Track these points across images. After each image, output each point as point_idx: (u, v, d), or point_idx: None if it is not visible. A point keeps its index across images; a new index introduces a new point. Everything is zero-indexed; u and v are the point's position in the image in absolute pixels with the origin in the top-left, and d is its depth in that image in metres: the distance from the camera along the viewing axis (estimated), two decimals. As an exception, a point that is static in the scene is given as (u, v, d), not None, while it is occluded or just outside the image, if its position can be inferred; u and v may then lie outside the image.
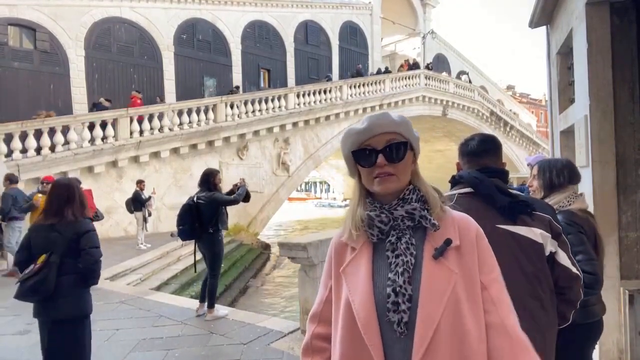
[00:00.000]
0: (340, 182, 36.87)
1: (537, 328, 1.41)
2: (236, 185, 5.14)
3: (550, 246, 1.52)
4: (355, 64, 22.70)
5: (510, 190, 1.57)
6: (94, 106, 13.64)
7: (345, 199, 43.93)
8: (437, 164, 24.27)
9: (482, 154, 1.67)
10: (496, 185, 1.55)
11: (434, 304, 0.93)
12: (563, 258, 1.54)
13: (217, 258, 4.87)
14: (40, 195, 6.63)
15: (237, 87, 18.05)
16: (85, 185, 8.29)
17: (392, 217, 1.03)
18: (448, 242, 0.99)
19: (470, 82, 24.83)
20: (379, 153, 1.02)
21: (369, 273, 1.01)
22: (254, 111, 15.10)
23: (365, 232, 1.05)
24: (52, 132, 10.79)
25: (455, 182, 1.65)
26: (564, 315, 1.59)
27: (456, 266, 0.97)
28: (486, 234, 1.07)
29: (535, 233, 1.49)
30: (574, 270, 1.56)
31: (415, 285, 0.96)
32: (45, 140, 10.57)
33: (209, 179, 4.87)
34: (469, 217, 1.07)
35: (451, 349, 0.92)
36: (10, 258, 7.72)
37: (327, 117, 17.37)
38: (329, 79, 19.66)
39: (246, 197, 5.09)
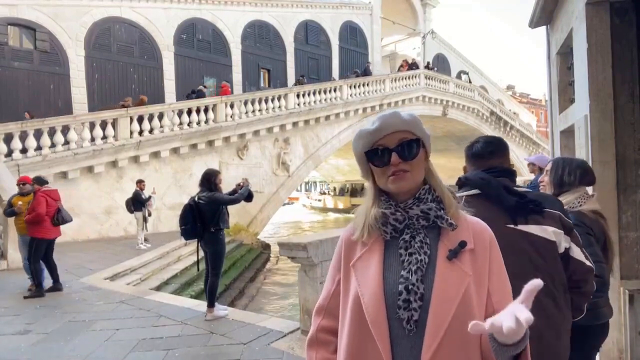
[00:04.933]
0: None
1: (551, 326, 1.43)
2: (239, 184, 5.22)
3: (564, 242, 1.52)
4: (355, 63, 22.69)
5: (519, 189, 1.55)
6: (192, 92, 13.56)
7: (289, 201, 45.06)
8: (436, 163, 24.10)
9: (487, 155, 1.65)
10: (504, 185, 1.53)
11: (446, 304, 0.93)
12: (577, 253, 1.55)
13: (218, 256, 4.91)
14: (21, 203, 6.20)
15: (303, 76, 18.13)
16: (85, 185, 8.30)
17: (407, 215, 1.02)
18: (463, 244, 0.98)
19: (470, 82, 24.84)
20: (392, 152, 1.02)
21: (380, 269, 1.01)
22: (254, 111, 15.09)
23: (378, 230, 1.04)
24: (52, 131, 10.81)
25: (461, 184, 1.62)
26: (580, 307, 1.60)
27: (470, 268, 0.97)
28: (496, 235, 1.06)
29: (547, 232, 1.48)
30: (588, 263, 1.56)
31: (428, 284, 0.96)
32: (45, 140, 10.57)
33: (210, 179, 4.91)
34: (483, 223, 1.07)
35: (459, 349, 0.92)
36: (11, 258, 7.75)
37: (327, 117, 17.35)
38: (358, 75, 19.44)
39: (249, 197, 5.17)
